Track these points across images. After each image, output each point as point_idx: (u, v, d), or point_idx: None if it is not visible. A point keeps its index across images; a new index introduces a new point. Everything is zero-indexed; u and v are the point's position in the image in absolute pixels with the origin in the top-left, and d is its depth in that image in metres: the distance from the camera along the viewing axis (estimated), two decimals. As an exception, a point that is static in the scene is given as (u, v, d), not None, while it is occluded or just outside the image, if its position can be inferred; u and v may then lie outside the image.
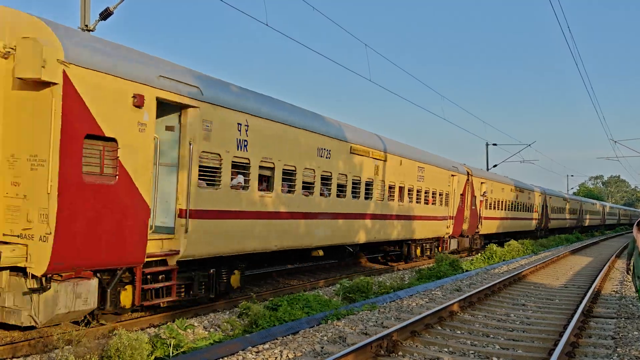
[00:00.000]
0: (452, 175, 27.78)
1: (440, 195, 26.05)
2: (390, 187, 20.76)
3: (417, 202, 23.33)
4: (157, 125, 10.84)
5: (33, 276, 8.57)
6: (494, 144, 50.41)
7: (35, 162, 8.68)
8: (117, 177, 9.54)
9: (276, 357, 8.22)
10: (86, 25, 15.73)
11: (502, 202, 37.09)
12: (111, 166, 9.48)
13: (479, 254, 27.69)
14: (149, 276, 10.63)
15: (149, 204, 10.23)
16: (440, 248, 27.25)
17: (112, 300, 9.93)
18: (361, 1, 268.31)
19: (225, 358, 8.08)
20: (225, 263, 12.80)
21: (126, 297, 10.20)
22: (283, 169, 14.08)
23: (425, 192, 24.24)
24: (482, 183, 32.61)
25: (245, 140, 12.58)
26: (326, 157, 16.05)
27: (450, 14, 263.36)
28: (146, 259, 10.25)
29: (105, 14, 15.85)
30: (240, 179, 12.77)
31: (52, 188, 8.53)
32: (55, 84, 8.57)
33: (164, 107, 11.00)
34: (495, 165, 49.06)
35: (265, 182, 13.77)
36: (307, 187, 15.30)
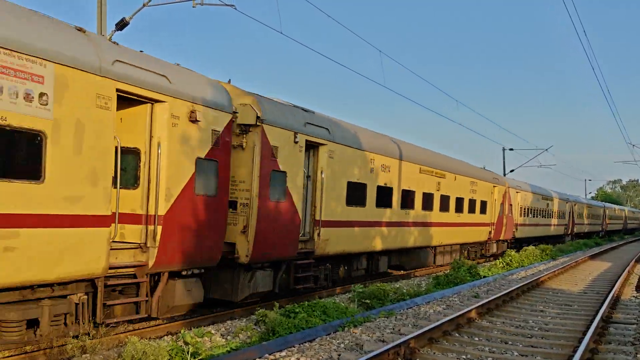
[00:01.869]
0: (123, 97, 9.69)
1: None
2: None
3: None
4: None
5: None
6: (511, 149, 50.20)
7: None
8: None
9: (293, 365, 8.23)
10: (102, 36, 15.91)
11: (383, 191, 18.35)
12: None
13: (498, 260, 27.38)
14: None
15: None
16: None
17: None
18: (373, 5, 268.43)
19: (242, 365, 8.08)
20: None
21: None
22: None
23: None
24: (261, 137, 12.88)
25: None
26: None
27: (463, 16, 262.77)
28: None
29: (122, 24, 16.04)
30: None
31: None
32: None
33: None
34: (512, 170, 48.83)
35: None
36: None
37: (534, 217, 39.65)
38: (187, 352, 8.49)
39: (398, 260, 21.12)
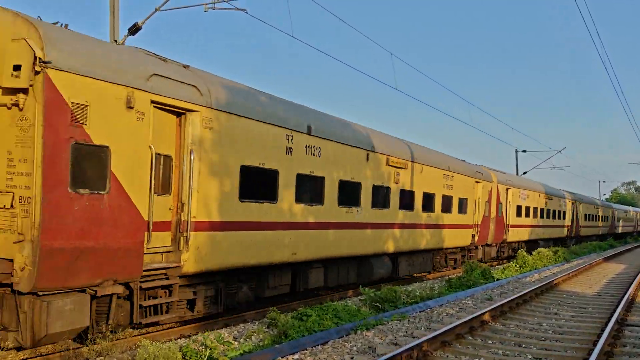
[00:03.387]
0: None
1: None
2: None
3: None
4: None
5: None
6: (524, 151, 49.98)
7: None
8: None
9: (306, 368, 8.23)
10: (115, 41, 16.03)
11: None
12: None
13: (512, 262, 27.21)
14: None
15: None
16: None
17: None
18: (384, 7, 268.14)
19: (256, 368, 8.10)
20: None
21: None
22: None
23: None
24: None
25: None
26: None
27: (473, 16, 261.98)
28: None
29: (134, 29, 16.14)
30: None
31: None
32: None
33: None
34: (525, 172, 48.56)
35: None
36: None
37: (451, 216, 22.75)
38: (204, 356, 8.53)
39: None
